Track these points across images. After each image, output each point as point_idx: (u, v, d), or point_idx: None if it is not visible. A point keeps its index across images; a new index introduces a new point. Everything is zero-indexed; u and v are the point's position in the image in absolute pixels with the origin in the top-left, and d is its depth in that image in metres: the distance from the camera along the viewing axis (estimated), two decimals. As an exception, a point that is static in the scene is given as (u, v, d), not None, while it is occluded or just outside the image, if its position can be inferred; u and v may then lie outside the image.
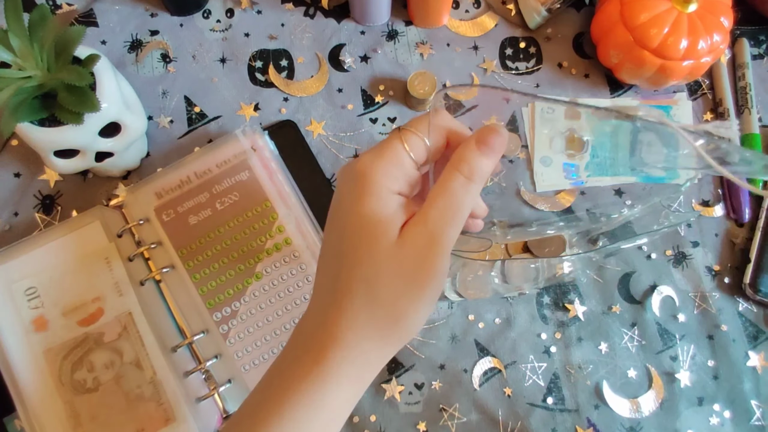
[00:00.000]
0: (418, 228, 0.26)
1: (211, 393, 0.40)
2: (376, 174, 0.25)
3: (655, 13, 0.45)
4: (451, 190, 0.26)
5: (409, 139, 0.27)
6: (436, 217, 0.26)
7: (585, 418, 0.44)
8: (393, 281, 0.25)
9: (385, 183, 0.26)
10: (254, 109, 0.50)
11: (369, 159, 0.26)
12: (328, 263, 0.28)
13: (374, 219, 0.25)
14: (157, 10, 0.51)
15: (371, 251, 0.25)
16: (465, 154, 0.27)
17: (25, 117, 0.37)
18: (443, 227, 0.26)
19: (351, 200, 0.26)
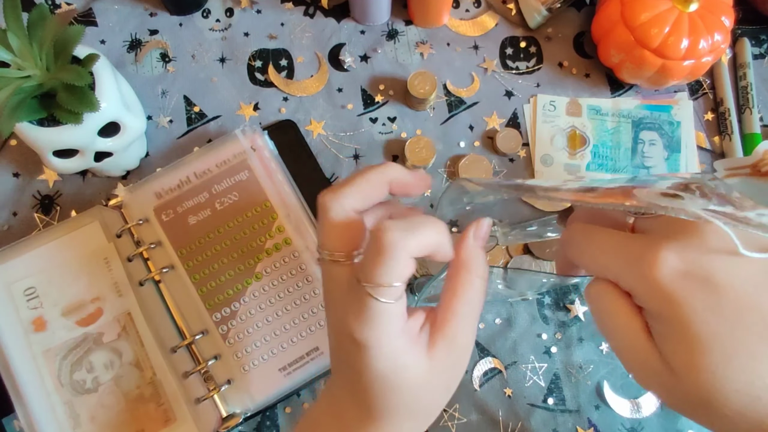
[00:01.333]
0: (448, 344, 0.26)
1: (210, 394, 0.40)
2: (374, 343, 0.24)
3: (656, 13, 0.45)
4: (470, 296, 0.26)
5: (386, 294, 0.24)
6: (462, 329, 0.26)
7: (586, 418, 0.44)
8: (431, 397, 0.27)
9: (388, 343, 0.25)
10: (254, 109, 0.49)
11: (360, 328, 0.24)
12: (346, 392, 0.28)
13: (391, 378, 0.25)
14: (157, 10, 0.51)
15: (402, 382, 0.25)
16: (473, 257, 0.27)
17: (24, 117, 0.37)
18: (470, 334, 0.27)
19: (358, 370, 0.25)
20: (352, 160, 0.48)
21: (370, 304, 0.24)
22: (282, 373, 0.42)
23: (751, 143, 0.49)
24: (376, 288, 0.24)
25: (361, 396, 0.26)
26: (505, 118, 0.50)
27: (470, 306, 0.26)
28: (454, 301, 0.26)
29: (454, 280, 0.27)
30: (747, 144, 0.49)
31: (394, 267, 0.24)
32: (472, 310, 0.26)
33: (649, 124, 0.50)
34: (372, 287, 0.24)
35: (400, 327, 0.25)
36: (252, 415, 0.42)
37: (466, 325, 0.26)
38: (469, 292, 0.26)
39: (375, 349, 0.24)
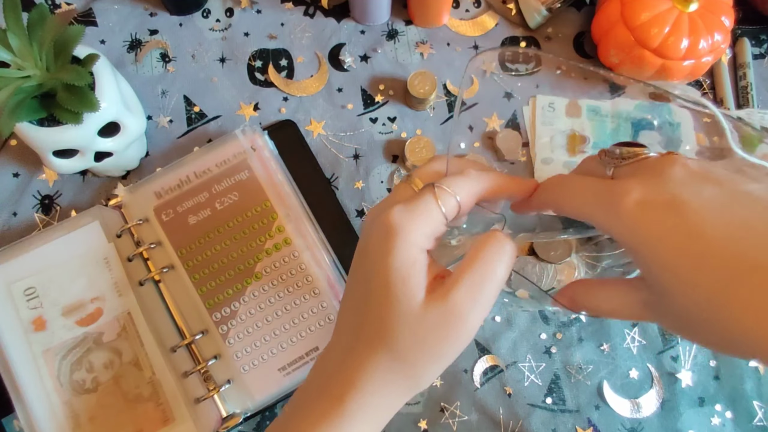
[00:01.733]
0: (440, 303, 0.25)
1: (210, 394, 0.40)
2: (408, 230, 0.25)
3: (656, 13, 0.45)
4: (483, 270, 0.26)
5: (443, 197, 0.26)
6: (462, 296, 0.25)
7: (586, 418, 0.44)
8: (414, 345, 0.25)
9: (416, 240, 0.25)
10: (254, 109, 0.49)
11: (402, 213, 0.26)
12: (352, 309, 0.28)
13: (402, 277, 0.25)
14: (157, 10, 0.51)
15: (396, 310, 0.25)
16: (495, 240, 0.26)
17: (24, 117, 0.37)
18: (470, 306, 0.25)
19: (380, 253, 0.25)
20: (352, 160, 0.48)
21: (425, 199, 0.26)
22: (281, 373, 0.42)
23: (751, 143, 0.49)
24: (439, 188, 0.26)
25: (355, 311, 0.27)
26: (504, 119, 0.50)
27: (480, 278, 0.25)
28: (466, 268, 0.25)
29: (475, 251, 0.26)
30: (747, 144, 0.49)
31: (463, 183, 0.27)
32: (480, 284, 0.25)
33: (649, 124, 0.50)
34: (438, 190, 0.26)
35: (431, 240, 0.26)
36: (252, 415, 0.42)
37: (469, 295, 0.25)
38: (483, 266, 0.25)
39: (403, 241, 0.25)
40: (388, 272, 0.25)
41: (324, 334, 0.42)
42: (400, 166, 0.48)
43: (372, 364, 0.26)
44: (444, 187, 0.26)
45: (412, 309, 0.25)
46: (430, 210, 0.26)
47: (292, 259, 0.43)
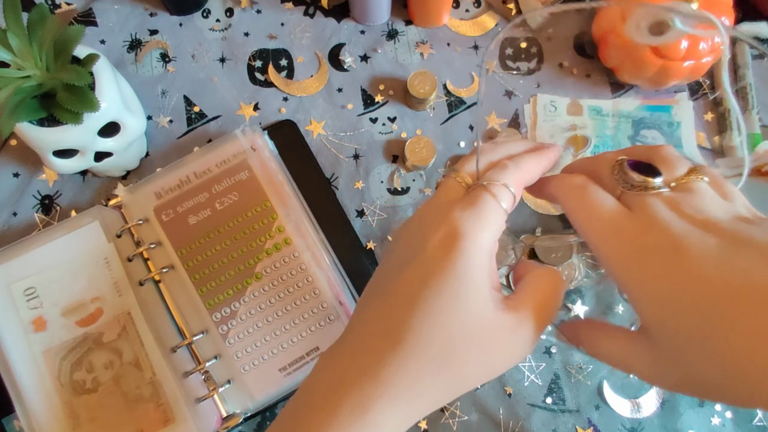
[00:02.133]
0: (516, 318, 0.24)
1: (210, 394, 0.40)
2: (475, 233, 0.24)
3: (656, 13, 0.45)
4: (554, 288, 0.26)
5: (501, 193, 0.25)
6: (532, 326, 0.25)
7: (586, 418, 0.44)
8: (480, 362, 0.24)
9: (485, 244, 0.24)
10: (254, 109, 0.49)
11: (465, 215, 0.24)
12: (384, 314, 0.25)
13: (474, 287, 0.23)
14: (157, 10, 0.51)
15: (460, 308, 0.23)
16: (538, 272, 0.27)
17: (24, 117, 0.37)
18: (537, 329, 0.25)
19: (444, 260, 0.23)
20: (352, 160, 0.48)
21: (487, 199, 0.25)
22: (282, 373, 0.42)
23: (751, 143, 0.49)
24: (494, 184, 0.25)
25: (393, 308, 0.24)
26: (506, 118, 0.50)
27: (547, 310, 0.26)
28: (534, 295, 0.26)
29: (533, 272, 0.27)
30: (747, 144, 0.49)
31: (512, 174, 0.26)
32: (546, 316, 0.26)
33: (650, 124, 0.50)
34: (494, 186, 0.25)
35: (492, 244, 0.25)
36: (252, 415, 0.42)
37: (538, 324, 0.25)
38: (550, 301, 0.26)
39: (472, 239, 0.24)
40: (455, 280, 0.23)
41: (324, 335, 0.42)
42: (400, 166, 0.48)
43: (415, 363, 0.23)
44: (499, 182, 0.26)
45: (481, 323, 0.23)
46: (491, 208, 0.25)
47: (292, 260, 0.43)
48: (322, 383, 0.25)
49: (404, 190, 0.48)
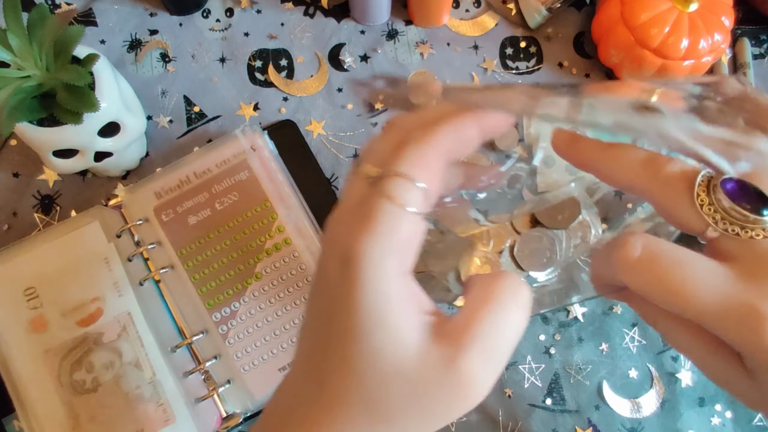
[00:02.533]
0: (446, 366, 0.18)
1: (210, 393, 0.40)
2: (370, 255, 0.18)
3: (656, 13, 0.45)
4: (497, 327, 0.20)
5: (401, 191, 0.19)
6: (474, 363, 0.19)
7: (585, 418, 0.44)
8: (407, 408, 0.19)
9: (385, 267, 0.18)
10: (254, 109, 0.49)
11: (356, 231, 0.19)
12: (314, 351, 0.21)
13: (377, 321, 0.18)
14: (157, 10, 0.51)
15: (373, 350, 0.18)
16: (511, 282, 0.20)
17: (24, 117, 0.37)
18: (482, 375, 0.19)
19: (341, 291, 0.19)
20: (352, 160, 0.48)
21: (380, 205, 0.19)
22: (282, 373, 0.42)
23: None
24: (393, 180, 0.19)
25: (316, 356, 0.20)
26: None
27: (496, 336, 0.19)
28: (476, 321, 0.19)
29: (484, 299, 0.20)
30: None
31: (421, 156, 0.19)
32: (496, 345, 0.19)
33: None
34: (388, 181, 0.19)
35: (401, 261, 0.19)
36: (252, 415, 0.42)
37: (483, 359, 0.19)
38: (499, 322, 0.20)
39: (369, 264, 0.18)
40: (355, 317, 0.18)
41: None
42: (400, 166, 0.48)
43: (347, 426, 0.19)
44: (399, 176, 0.19)
45: (401, 363, 0.18)
46: (387, 218, 0.18)
47: (292, 260, 0.43)
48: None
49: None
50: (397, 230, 0.19)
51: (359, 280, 0.18)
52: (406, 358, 0.18)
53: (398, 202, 0.19)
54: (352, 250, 0.18)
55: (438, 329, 0.19)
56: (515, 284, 0.20)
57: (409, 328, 0.19)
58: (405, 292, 0.19)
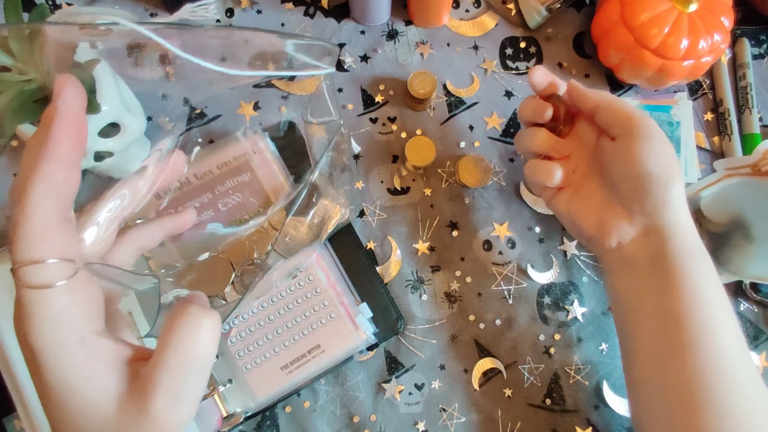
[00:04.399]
0: (139, 416, 0.20)
1: (211, 393, 0.41)
2: (43, 350, 0.20)
3: (656, 13, 0.45)
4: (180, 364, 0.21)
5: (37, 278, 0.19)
6: (162, 405, 0.20)
7: (585, 418, 0.44)
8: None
9: (60, 350, 0.20)
10: (254, 108, 0.49)
11: (26, 330, 0.20)
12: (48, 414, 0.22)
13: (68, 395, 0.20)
14: (157, 10, 0.51)
15: (81, 424, 0.20)
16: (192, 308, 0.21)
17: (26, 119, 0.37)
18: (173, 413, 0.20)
19: (39, 378, 0.20)
20: (353, 160, 0.49)
21: (27, 296, 0.19)
22: (283, 371, 0.42)
23: (751, 143, 0.49)
24: (24, 270, 0.19)
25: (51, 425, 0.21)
26: (505, 118, 0.50)
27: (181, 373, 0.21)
28: (160, 363, 0.20)
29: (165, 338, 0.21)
30: (746, 144, 0.49)
31: (27, 235, 0.19)
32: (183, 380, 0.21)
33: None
34: (20, 272, 0.19)
35: (74, 330, 0.20)
36: (253, 415, 0.42)
37: (170, 399, 0.20)
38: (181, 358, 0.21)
39: (46, 354, 0.20)
40: (56, 397, 0.20)
41: (325, 332, 0.43)
42: (401, 166, 0.49)
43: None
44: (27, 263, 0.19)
45: (102, 420, 0.20)
46: (40, 303, 0.19)
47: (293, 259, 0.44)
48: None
49: (404, 190, 0.48)
50: (49, 310, 0.19)
51: (43, 364, 0.20)
52: (104, 416, 0.20)
53: (40, 286, 0.19)
54: (26, 341, 0.20)
55: (134, 377, 0.21)
56: (196, 316, 0.21)
57: (102, 390, 0.20)
58: (90, 355, 0.20)
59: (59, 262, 0.20)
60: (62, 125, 0.20)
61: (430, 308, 0.46)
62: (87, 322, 0.21)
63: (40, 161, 0.19)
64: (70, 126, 0.20)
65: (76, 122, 0.20)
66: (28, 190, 0.19)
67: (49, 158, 0.19)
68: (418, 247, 0.47)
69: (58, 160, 0.20)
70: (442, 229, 0.47)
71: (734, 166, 0.41)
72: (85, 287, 0.21)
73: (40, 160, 0.19)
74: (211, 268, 0.40)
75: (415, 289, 0.46)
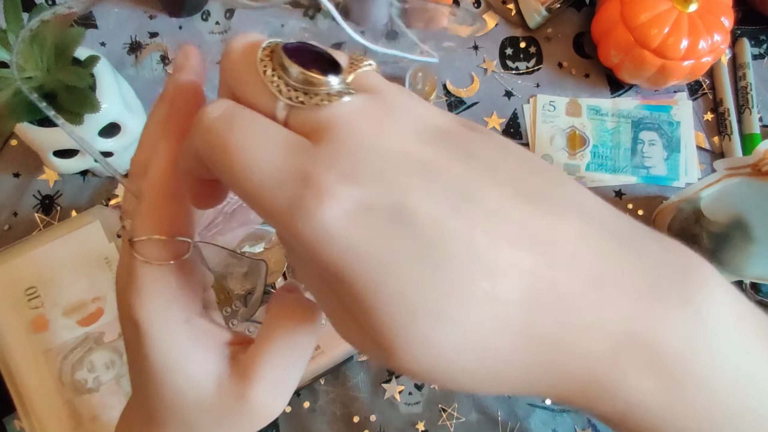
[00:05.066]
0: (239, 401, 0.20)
1: (210, 393, 0.40)
2: (148, 321, 0.19)
3: (656, 13, 0.45)
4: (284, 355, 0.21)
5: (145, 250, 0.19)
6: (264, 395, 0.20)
7: (585, 418, 0.44)
8: (209, 429, 0.21)
9: (164, 325, 0.20)
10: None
11: (132, 300, 0.19)
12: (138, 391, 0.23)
13: (168, 371, 0.20)
14: (156, 12, 0.51)
15: (179, 401, 0.21)
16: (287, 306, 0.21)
17: (25, 117, 0.37)
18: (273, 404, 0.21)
19: (139, 351, 0.20)
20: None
21: (140, 267, 0.19)
22: (282, 372, 0.42)
23: (751, 143, 0.49)
24: (139, 244, 0.19)
25: (143, 401, 0.22)
26: (505, 118, 0.50)
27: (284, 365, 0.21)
28: (264, 352, 0.21)
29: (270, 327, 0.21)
30: (746, 144, 0.49)
31: (158, 206, 0.19)
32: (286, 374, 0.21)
33: (649, 124, 0.50)
34: (137, 243, 0.19)
35: (180, 309, 0.20)
36: (252, 415, 0.42)
37: (273, 390, 0.21)
38: (285, 349, 0.21)
39: (151, 325, 0.19)
40: (154, 371, 0.20)
41: (324, 333, 0.43)
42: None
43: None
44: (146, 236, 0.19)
45: (200, 400, 0.20)
46: (150, 277, 0.19)
47: (292, 260, 0.43)
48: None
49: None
50: (162, 286, 0.19)
51: (147, 340, 0.20)
52: (203, 396, 0.20)
53: (154, 261, 0.19)
54: (132, 315, 0.19)
55: (234, 361, 0.21)
56: (302, 309, 0.21)
57: (202, 370, 0.20)
58: (193, 335, 0.20)
59: (177, 240, 0.19)
60: (191, 101, 0.20)
61: (430, 308, 0.46)
62: (192, 303, 0.21)
63: (168, 137, 0.19)
64: (197, 104, 0.20)
65: (202, 100, 0.20)
66: (157, 165, 0.19)
67: (178, 136, 0.19)
68: (418, 247, 0.47)
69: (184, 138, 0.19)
70: (442, 229, 0.47)
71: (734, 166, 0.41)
72: (193, 268, 0.21)
73: (168, 136, 0.19)
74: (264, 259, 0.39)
75: (414, 289, 0.46)
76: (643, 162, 0.49)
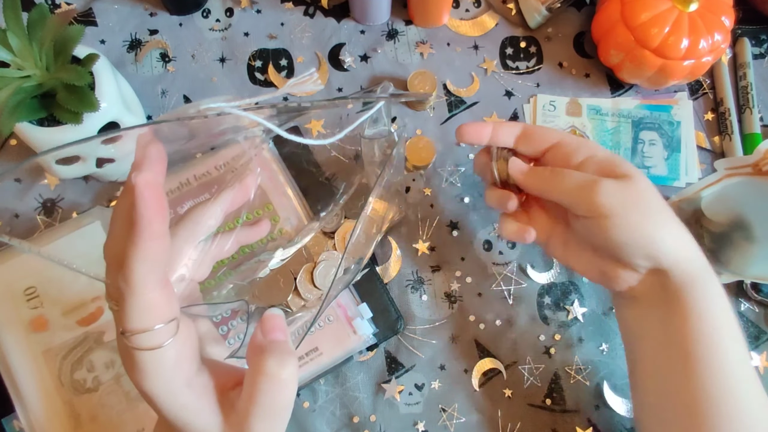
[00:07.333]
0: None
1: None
2: (157, 396, 0.23)
3: (656, 13, 0.45)
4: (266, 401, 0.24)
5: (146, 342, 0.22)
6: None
7: (585, 418, 0.44)
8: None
9: (172, 395, 0.23)
10: (254, 109, 0.49)
11: (139, 380, 0.23)
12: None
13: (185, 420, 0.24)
14: (156, 10, 0.51)
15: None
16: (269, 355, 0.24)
17: (24, 116, 0.37)
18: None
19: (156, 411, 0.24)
20: (353, 161, 0.48)
21: (137, 356, 0.22)
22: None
23: (751, 143, 0.49)
24: (133, 337, 0.22)
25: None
26: (505, 118, 0.50)
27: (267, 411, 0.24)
28: (251, 405, 0.24)
29: (250, 378, 0.24)
30: (747, 144, 0.49)
31: (136, 308, 0.22)
32: (269, 415, 0.24)
33: (649, 124, 0.50)
34: (129, 336, 0.22)
35: (182, 377, 0.24)
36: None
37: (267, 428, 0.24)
38: (265, 397, 0.24)
39: (160, 399, 0.23)
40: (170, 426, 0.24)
41: (323, 335, 0.43)
42: (400, 166, 0.48)
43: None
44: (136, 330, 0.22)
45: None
46: (149, 361, 0.22)
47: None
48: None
49: (404, 190, 0.48)
50: (160, 366, 0.22)
51: (159, 406, 0.23)
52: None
53: (151, 348, 0.22)
54: (140, 388, 0.23)
55: (230, 408, 0.25)
56: (277, 375, 0.23)
57: (207, 422, 0.24)
58: (197, 396, 0.24)
59: (165, 325, 0.22)
60: (152, 200, 0.21)
61: (430, 308, 0.46)
62: (190, 366, 0.24)
63: (138, 239, 0.21)
64: (157, 201, 0.21)
65: (161, 195, 0.22)
66: (132, 266, 0.21)
67: (146, 236, 0.21)
68: (418, 247, 0.47)
69: (154, 236, 0.21)
70: (442, 229, 0.47)
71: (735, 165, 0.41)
72: (185, 333, 0.24)
73: (137, 238, 0.21)
74: (273, 278, 0.42)
75: (415, 289, 0.46)
76: (643, 162, 0.49)
